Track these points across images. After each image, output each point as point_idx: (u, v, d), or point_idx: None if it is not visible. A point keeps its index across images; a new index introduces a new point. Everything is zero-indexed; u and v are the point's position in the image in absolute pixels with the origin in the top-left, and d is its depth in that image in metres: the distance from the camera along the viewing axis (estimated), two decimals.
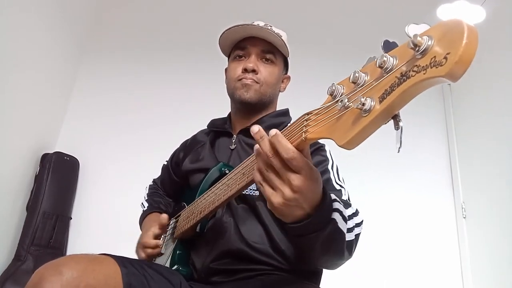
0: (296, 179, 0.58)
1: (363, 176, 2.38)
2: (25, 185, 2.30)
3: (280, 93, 1.23)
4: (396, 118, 0.45)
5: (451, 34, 0.38)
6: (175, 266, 0.98)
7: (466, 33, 0.37)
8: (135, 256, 1.09)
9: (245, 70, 1.10)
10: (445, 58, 0.37)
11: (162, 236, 1.09)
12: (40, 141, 2.44)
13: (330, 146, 1.06)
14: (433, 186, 2.47)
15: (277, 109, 1.22)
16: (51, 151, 2.40)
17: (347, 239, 0.74)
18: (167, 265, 1.03)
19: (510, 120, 2.03)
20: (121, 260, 0.77)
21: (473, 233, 2.25)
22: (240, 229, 0.96)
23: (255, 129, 0.62)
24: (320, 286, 0.95)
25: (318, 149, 1.03)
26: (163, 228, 1.08)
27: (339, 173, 1.01)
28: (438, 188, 2.47)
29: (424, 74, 0.39)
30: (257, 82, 1.10)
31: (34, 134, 2.38)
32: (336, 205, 0.70)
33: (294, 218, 0.63)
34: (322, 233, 0.65)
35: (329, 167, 0.99)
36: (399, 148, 0.44)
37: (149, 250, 1.06)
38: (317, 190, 0.62)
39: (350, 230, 0.76)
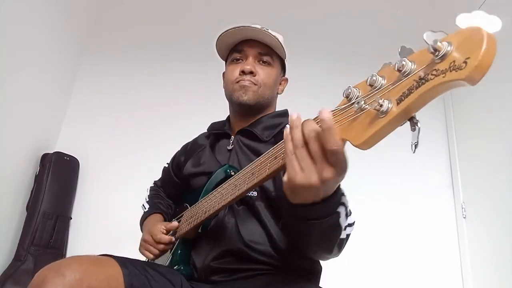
0: (329, 172, 0.55)
1: (362, 175, 2.38)
2: (25, 185, 2.29)
3: (278, 95, 1.23)
4: (413, 119, 0.46)
5: (471, 40, 0.40)
6: (176, 266, 0.99)
7: (485, 40, 0.38)
8: (136, 256, 1.09)
9: (243, 72, 1.10)
10: (465, 62, 0.39)
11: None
12: (40, 141, 2.43)
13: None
14: (433, 186, 2.47)
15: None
16: (51, 151, 2.40)
17: (341, 236, 0.75)
18: (168, 264, 1.03)
19: (510, 120, 2.04)
20: (122, 261, 0.77)
21: (473, 233, 2.25)
22: (241, 229, 0.97)
23: (294, 116, 0.60)
24: (319, 286, 0.95)
25: None
26: (168, 231, 1.08)
27: None
28: (438, 188, 2.47)
29: (443, 77, 0.40)
30: (255, 84, 1.10)
31: (34, 134, 2.38)
32: (344, 200, 0.71)
33: (303, 200, 0.62)
34: (323, 222, 0.66)
35: None
36: (415, 148, 0.45)
37: (162, 246, 1.05)
38: (337, 185, 0.63)
39: (344, 228, 0.77)
